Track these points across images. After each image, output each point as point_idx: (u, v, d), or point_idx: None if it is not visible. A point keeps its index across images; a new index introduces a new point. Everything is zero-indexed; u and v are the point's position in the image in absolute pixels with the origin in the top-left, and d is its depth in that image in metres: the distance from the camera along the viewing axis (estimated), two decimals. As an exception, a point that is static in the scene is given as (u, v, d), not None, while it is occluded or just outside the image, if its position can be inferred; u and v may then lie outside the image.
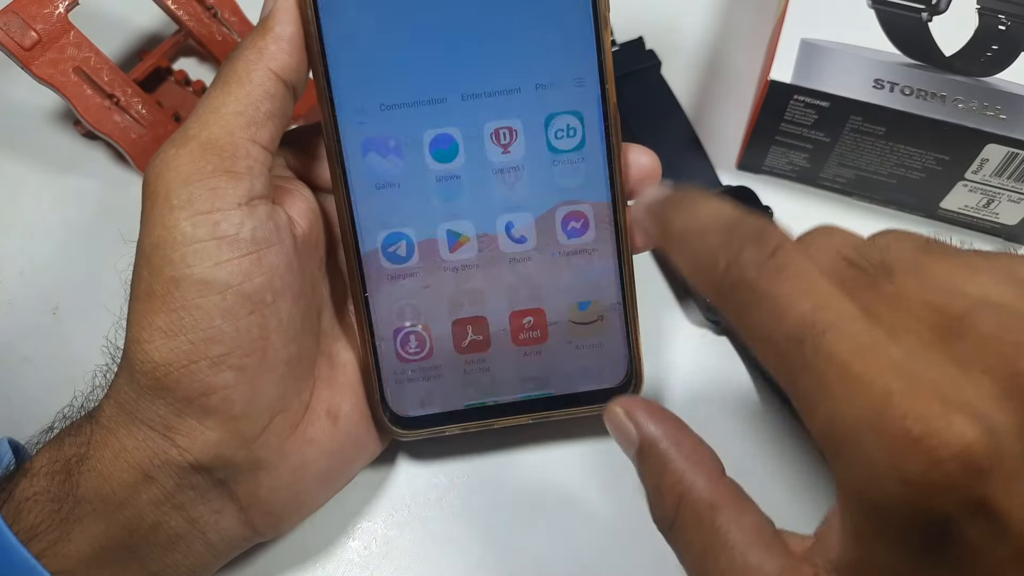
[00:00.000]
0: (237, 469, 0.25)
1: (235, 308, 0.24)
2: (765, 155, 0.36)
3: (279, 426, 0.25)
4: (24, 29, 0.33)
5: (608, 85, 0.27)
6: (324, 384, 0.28)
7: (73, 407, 0.27)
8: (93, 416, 0.25)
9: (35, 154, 0.39)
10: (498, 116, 0.27)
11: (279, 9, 0.26)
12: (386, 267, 0.28)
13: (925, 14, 0.33)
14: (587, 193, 0.28)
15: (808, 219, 0.36)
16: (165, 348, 0.23)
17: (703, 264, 0.20)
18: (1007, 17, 0.33)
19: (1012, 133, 0.31)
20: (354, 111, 0.27)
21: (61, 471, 0.24)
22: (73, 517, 0.23)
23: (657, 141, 0.36)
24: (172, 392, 0.23)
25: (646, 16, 0.39)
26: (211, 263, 0.23)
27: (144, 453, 0.24)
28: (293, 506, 0.27)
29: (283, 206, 0.26)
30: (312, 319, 0.27)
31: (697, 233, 0.20)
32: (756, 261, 0.19)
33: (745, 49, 0.40)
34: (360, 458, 0.29)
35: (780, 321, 0.18)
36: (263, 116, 0.25)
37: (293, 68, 0.25)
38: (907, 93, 0.32)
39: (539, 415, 0.29)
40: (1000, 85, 0.31)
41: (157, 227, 0.23)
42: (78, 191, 0.38)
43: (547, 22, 0.26)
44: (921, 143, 0.33)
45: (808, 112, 0.33)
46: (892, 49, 0.33)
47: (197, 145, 0.24)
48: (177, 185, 0.24)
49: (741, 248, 0.19)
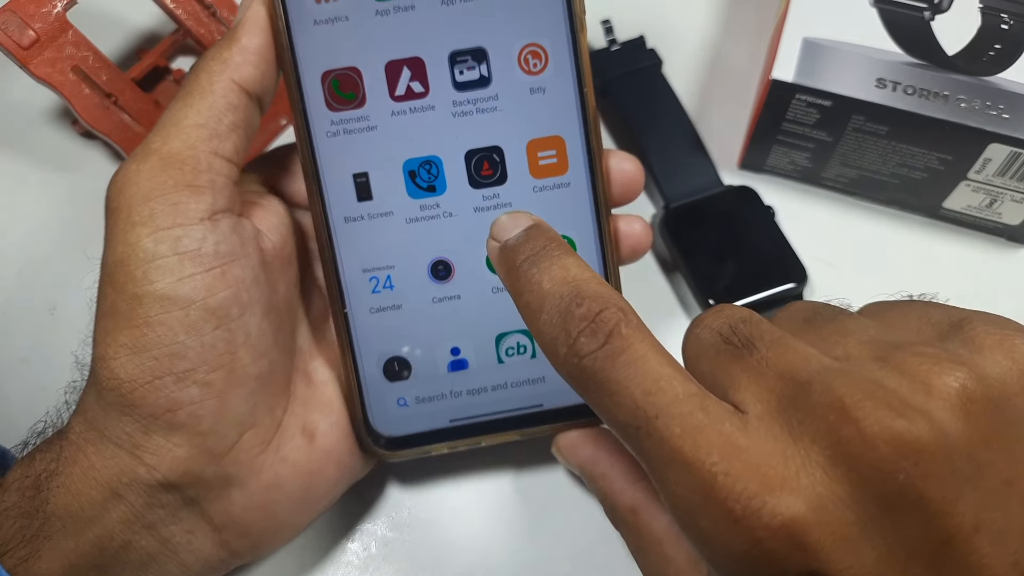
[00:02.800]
0: (207, 487, 0.24)
1: (199, 323, 0.23)
2: (767, 154, 0.36)
3: (249, 442, 0.25)
4: (22, 28, 0.33)
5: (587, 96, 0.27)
6: (300, 402, 0.27)
7: (46, 422, 0.26)
8: (63, 432, 0.24)
9: (33, 153, 0.39)
10: (481, 141, 0.27)
11: (247, 20, 0.25)
12: (367, 283, 0.27)
13: (927, 13, 0.33)
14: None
15: (810, 219, 0.36)
16: (130, 364, 0.23)
17: (545, 346, 0.20)
18: (1010, 16, 0.32)
19: (1015, 133, 0.31)
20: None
21: (31, 486, 0.23)
22: (43, 534, 0.23)
23: (658, 140, 0.36)
24: (138, 408, 0.23)
25: (647, 14, 0.39)
26: (173, 279, 0.23)
27: (112, 471, 0.23)
28: (269, 527, 0.26)
29: (252, 219, 0.26)
30: (286, 334, 0.27)
31: (536, 310, 0.21)
32: (591, 349, 0.19)
33: (747, 48, 0.40)
34: (342, 479, 0.28)
35: (618, 409, 0.19)
36: (226, 128, 0.25)
37: (257, 80, 0.25)
38: (910, 92, 0.32)
39: (529, 431, 0.28)
40: (1003, 84, 0.31)
41: (119, 244, 0.23)
42: (76, 190, 0.38)
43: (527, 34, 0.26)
44: (923, 143, 0.33)
45: (810, 111, 0.33)
46: (895, 48, 0.32)
47: (158, 160, 0.24)
48: (138, 201, 0.23)
49: (578, 335, 0.19)
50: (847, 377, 0.18)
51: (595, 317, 0.19)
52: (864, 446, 0.16)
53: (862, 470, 0.16)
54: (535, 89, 0.26)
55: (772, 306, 0.33)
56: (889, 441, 0.16)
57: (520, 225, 0.23)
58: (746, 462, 0.17)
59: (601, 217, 0.27)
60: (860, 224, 0.36)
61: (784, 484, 0.17)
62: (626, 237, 0.28)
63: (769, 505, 0.16)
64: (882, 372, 0.18)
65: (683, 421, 0.18)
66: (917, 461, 0.16)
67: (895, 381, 0.17)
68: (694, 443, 0.17)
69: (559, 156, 0.27)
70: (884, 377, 0.18)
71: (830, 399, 0.17)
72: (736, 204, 0.35)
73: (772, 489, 0.17)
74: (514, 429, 0.28)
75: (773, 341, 0.19)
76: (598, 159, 0.27)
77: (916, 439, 0.16)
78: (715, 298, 0.33)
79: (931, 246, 0.36)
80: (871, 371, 0.18)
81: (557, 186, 0.27)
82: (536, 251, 0.22)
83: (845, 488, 0.17)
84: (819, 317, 0.21)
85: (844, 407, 0.17)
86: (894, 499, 0.16)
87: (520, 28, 0.26)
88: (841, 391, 0.17)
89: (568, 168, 0.27)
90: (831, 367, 0.18)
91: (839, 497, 0.17)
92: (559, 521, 0.31)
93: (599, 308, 0.20)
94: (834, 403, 0.17)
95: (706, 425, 0.18)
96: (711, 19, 0.41)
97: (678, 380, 0.19)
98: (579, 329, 0.19)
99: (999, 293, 0.35)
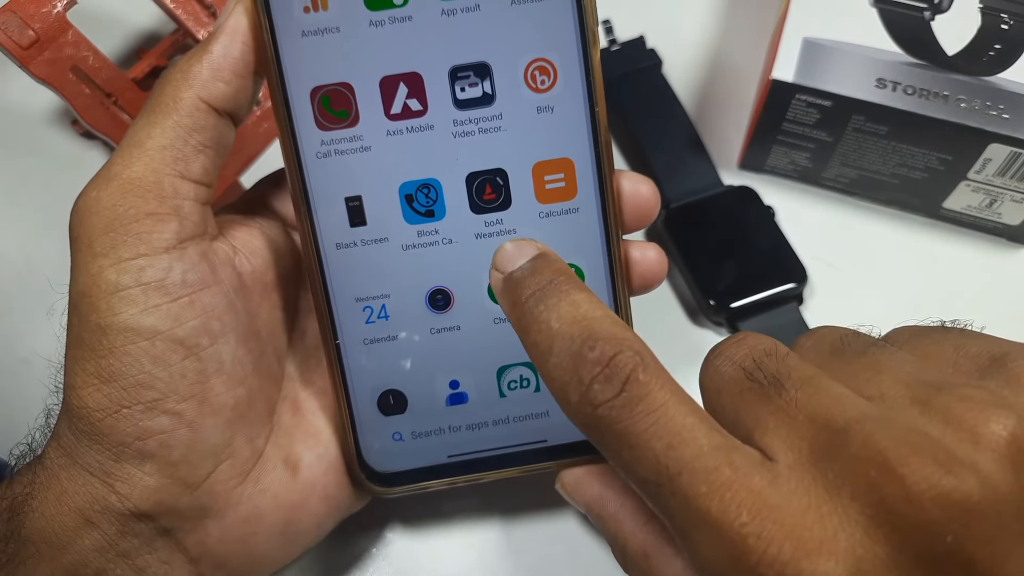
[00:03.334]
0: (181, 517, 0.24)
1: (166, 353, 0.23)
2: (767, 154, 0.36)
3: (226, 473, 0.24)
4: (22, 28, 0.33)
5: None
6: (284, 432, 0.26)
7: (28, 444, 0.26)
8: (40, 457, 0.24)
9: (33, 153, 0.39)
10: (483, 163, 0.25)
11: (224, 28, 0.23)
12: (360, 313, 0.26)
13: (928, 13, 0.33)
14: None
15: (810, 219, 0.36)
16: (98, 394, 0.22)
17: (556, 392, 0.19)
18: (1010, 16, 0.32)
19: (1015, 133, 0.31)
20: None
21: (7, 509, 0.23)
22: (18, 558, 0.23)
23: (658, 140, 0.36)
24: (108, 437, 0.23)
25: (647, 15, 0.39)
26: (137, 310, 0.22)
27: (84, 498, 0.23)
28: (247, 560, 0.25)
29: (232, 242, 0.25)
30: (268, 362, 0.26)
31: (545, 351, 0.19)
32: (606, 398, 0.18)
33: (747, 48, 0.40)
34: (328, 514, 0.27)
35: (638, 463, 0.18)
36: (192, 149, 0.23)
37: (228, 97, 0.24)
38: (909, 92, 0.32)
39: (531, 467, 0.26)
40: (1003, 84, 0.31)
41: (82, 275, 0.23)
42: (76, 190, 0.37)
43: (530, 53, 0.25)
44: (923, 143, 0.33)
45: (810, 111, 0.33)
46: (895, 48, 0.32)
47: (119, 186, 0.23)
48: (99, 231, 0.23)
49: (591, 382, 0.18)
50: (888, 427, 0.16)
51: (609, 362, 0.18)
52: (910, 506, 0.15)
53: (907, 531, 0.16)
54: (542, 108, 0.25)
55: (772, 306, 0.33)
56: (937, 501, 0.15)
57: (526, 255, 0.21)
58: (779, 522, 0.16)
59: (612, 245, 0.26)
60: (860, 224, 0.36)
61: (821, 547, 0.16)
62: (638, 266, 0.26)
63: (806, 571, 0.15)
64: (924, 419, 0.17)
65: (709, 478, 0.17)
66: (967, 522, 0.15)
67: (939, 430, 0.16)
68: (722, 502, 0.16)
69: (567, 180, 0.25)
70: (927, 425, 0.17)
71: (871, 452, 0.16)
72: (736, 204, 0.35)
73: (808, 553, 0.15)
74: (515, 465, 0.26)
75: (803, 380, 0.18)
76: (609, 183, 0.25)
77: (966, 498, 0.15)
78: (715, 298, 0.33)
79: (931, 246, 0.36)
80: (912, 417, 0.17)
81: (565, 212, 0.25)
82: (543, 285, 0.20)
83: (887, 550, 0.16)
84: (848, 349, 0.20)
85: (887, 462, 0.16)
86: (941, 562, 0.15)
87: (527, 42, 0.24)
88: (883, 443, 0.16)
89: (577, 192, 0.25)
90: (869, 413, 0.17)
91: (880, 559, 0.16)
92: (560, 522, 0.31)
93: (613, 351, 0.18)
94: (875, 457, 0.16)
95: (734, 481, 0.17)
96: (711, 19, 0.41)
97: (702, 431, 0.17)
98: (592, 375, 0.18)
99: (999, 293, 0.35)
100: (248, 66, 0.24)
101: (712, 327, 0.34)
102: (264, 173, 0.29)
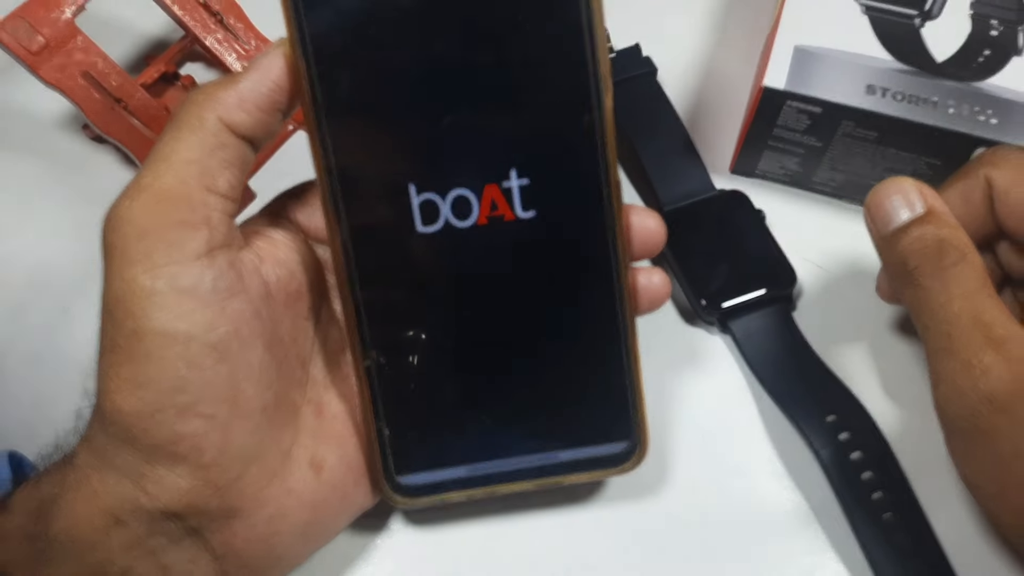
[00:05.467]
0: (210, 517, 0.24)
1: (199, 358, 0.23)
2: (758, 160, 0.37)
3: (255, 475, 0.25)
4: (31, 34, 0.34)
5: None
6: (309, 434, 0.27)
7: (56, 446, 0.27)
8: (69, 458, 0.25)
9: (44, 157, 0.39)
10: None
11: (257, 66, 0.24)
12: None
13: (917, 20, 0.33)
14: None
15: (800, 222, 0.37)
16: (132, 398, 0.23)
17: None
18: (999, 22, 0.33)
19: (1003, 138, 0.31)
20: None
21: (35, 509, 0.24)
22: (44, 557, 0.23)
23: (653, 146, 0.37)
24: (141, 440, 0.23)
25: (643, 24, 0.40)
26: (172, 315, 0.23)
27: (115, 498, 0.24)
28: (269, 559, 0.26)
29: (257, 252, 0.26)
30: (292, 367, 0.27)
31: (943, 336, 0.25)
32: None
33: (739, 56, 0.40)
34: (346, 512, 0.28)
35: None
36: (217, 165, 0.24)
37: (248, 126, 0.24)
38: (899, 98, 0.32)
39: (545, 481, 0.28)
40: (991, 90, 0.32)
41: (116, 280, 0.23)
42: (87, 193, 0.38)
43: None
44: (912, 148, 0.33)
45: (801, 118, 0.34)
46: (885, 55, 0.33)
47: (151, 195, 0.23)
48: (133, 239, 0.23)
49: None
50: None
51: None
52: None
53: None
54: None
55: (762, 306, 0.34)
56: None
57: (910, 206, 0.22)
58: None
59: (621, 276, 0.27)
60: (849, 227, 0.36)
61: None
62: (644, 291, 0.28)
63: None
64: None
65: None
66: None
67: None
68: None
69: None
70: None
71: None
72: (728, 208, 0.36)
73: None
74: (531, 479, 0.28)
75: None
76: (619, 221, 0.26)
77: None
78: (707, 298, 0.34)
79: (921, 249, 0.36)
80: None
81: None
82: (931, 260, 0.22)
83: None
84: None
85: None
86: None
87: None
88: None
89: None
90: None
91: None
92: (560, 521, 0.31)
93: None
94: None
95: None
96: (705, 28, 0.42)
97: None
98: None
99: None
100: (273, 104, 0.25)
101: (704, 326, 0.35)
102: (272, 177, 0.29)
